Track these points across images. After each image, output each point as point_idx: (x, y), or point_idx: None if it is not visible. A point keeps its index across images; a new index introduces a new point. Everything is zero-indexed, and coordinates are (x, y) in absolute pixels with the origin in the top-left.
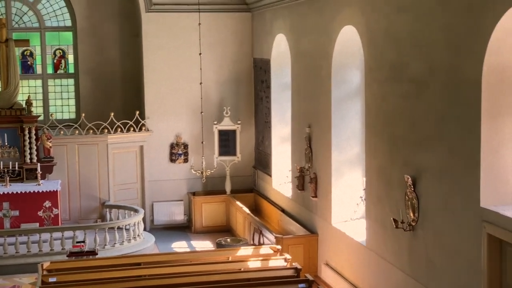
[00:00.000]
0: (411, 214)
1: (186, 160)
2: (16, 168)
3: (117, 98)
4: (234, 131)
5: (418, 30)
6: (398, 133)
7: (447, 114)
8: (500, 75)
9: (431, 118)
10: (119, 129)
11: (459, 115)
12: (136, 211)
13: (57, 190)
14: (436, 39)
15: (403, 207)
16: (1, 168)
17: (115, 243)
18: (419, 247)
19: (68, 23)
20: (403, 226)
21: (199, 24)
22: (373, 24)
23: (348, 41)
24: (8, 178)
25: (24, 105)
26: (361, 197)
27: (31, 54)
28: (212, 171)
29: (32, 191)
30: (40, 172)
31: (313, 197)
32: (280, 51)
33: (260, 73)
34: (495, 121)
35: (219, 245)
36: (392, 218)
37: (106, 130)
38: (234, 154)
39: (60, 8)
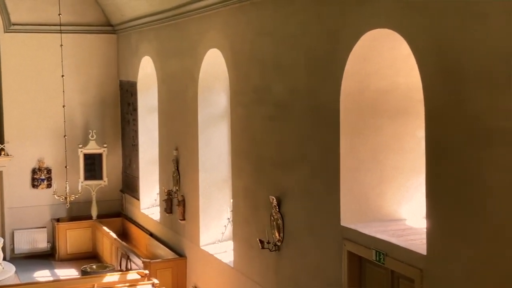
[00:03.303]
0: (277, 234)
1: (49, 186)
2: None
3: None
4: (100, 155)
5: (280, 54)
6: (263, 154)
7: (309, 136)
8: (356, 98)
9: (294, 140)
10: None
11: (320, 137)
12: None
13: None
14: (297, 63)
15: (269, 227)
16: None
17: None
18: (285, 266)
19: None
20: (269, 246)
21: (61, 45)
22: (237, 47)
23: (214, 64)
24: None
25: None
26: (228, 218)
27: None
28: (77, 196)
29: None
30: None
31: (181, 220)
32: (146, 73)
33: (126, 95)
34: (353, 142)
35: (84, 273)
36: (258, 239)
37: None
38: (101, 178)
39: None
